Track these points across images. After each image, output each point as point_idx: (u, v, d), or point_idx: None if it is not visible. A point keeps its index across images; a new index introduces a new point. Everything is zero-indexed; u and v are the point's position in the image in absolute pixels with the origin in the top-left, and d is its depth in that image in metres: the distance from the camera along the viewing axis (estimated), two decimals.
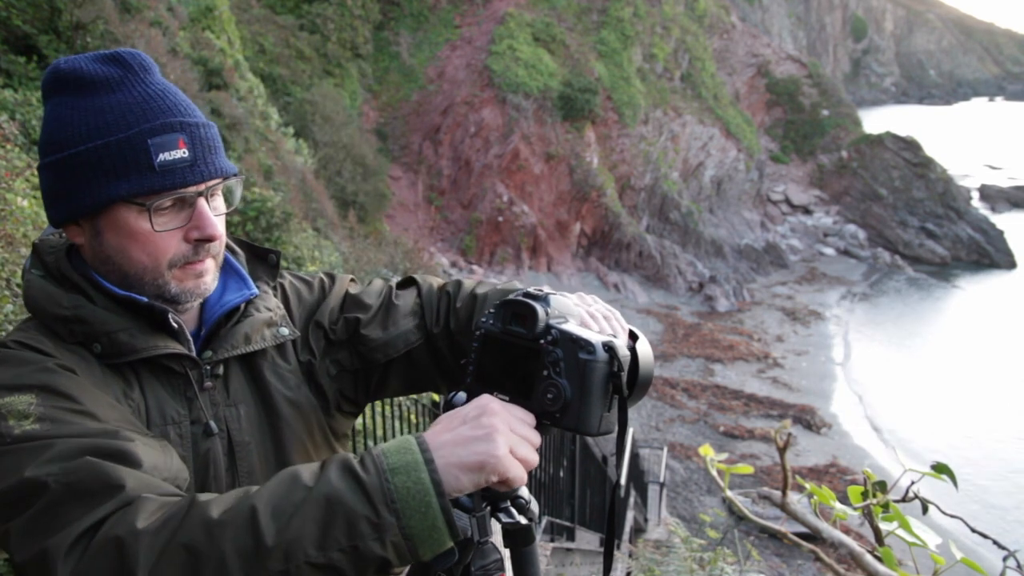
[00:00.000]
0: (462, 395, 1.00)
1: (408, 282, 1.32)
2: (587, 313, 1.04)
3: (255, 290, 1.16)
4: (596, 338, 0.91)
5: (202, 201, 1.02)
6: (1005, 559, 1.07)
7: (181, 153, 0.97)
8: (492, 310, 1.01)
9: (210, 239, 1.03)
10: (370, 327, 1.21)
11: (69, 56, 1.01)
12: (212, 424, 1.05)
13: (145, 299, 1.02)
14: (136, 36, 10.68)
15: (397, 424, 4.21)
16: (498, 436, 0.84)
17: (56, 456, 0.82)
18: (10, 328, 2.95)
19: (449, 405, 1.00)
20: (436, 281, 1.31)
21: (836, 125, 40.51)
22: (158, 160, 0.95)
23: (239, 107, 14.51)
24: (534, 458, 0.89)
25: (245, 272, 1.17)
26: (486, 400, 0.88)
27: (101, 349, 0.99)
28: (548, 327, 0.93)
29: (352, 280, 1.32)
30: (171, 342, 1.03)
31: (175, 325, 1.04)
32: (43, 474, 0.80)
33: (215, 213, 1.04)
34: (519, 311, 0.96)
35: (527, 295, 0.99)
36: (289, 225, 9.89)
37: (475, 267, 28.33)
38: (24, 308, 1.08)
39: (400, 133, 31.18)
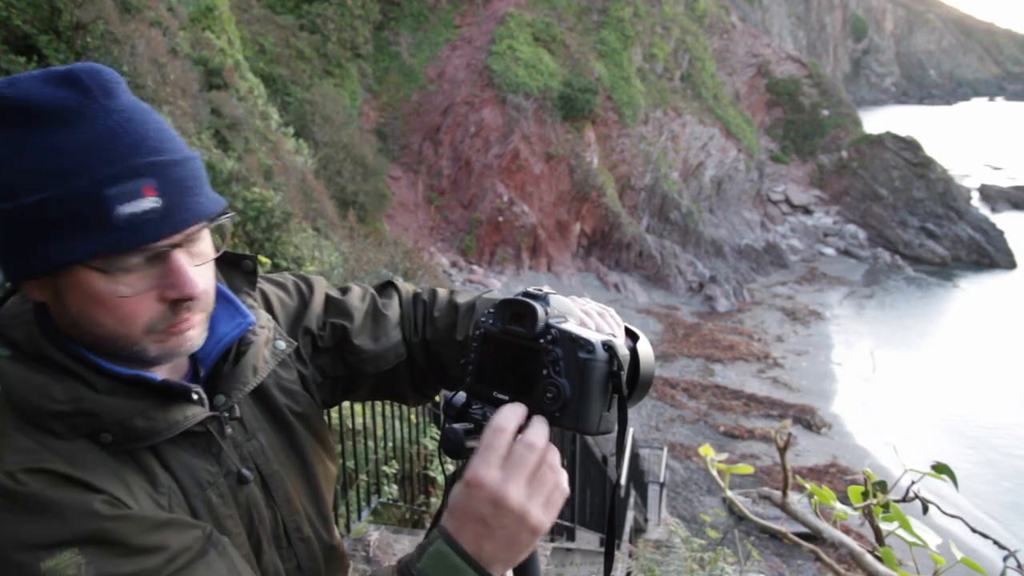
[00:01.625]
0: (461, 395, 1.00)
1: (387, 287, 1.26)
2: (583, 311, 1.02)
3: (251, 317, 1.02)
4: (595, 337, 0.91)
5: (176, 255, 0.85)
6: (1005, 559, 1.07)
7: (149, 203, 0.80)
8: (492, 310, 1.00)
9: (189, 299, 0.87)
10: (361, 337, 1.15)
11: (17, 76, 0.83)
12: (245, 472, 0.97)
13: (159, 378, 0.89)
14: (136, 36, 10.68)
15: (397, 424, 4.22)
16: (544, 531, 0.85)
17: None
18: None
19: (449, 406, 1.00)
20: (411, 288, 1.27)
21: (836, 125, 40.53)
22: (119, 213, 0.79)
23: (239, 107, 14.52)
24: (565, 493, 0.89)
25: (232, 295, 1.03)
26: (536, 517, 0.83)
27: (112, 439, 0.85)
28: (548, 326, 0.93)
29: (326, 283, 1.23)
30: (190, 409, 0.91)
31: (196, 397, 0.92)
32: None
33: (199, 261, 0.88)
34: (519, 310, 0.96)
35: (527, 294, 0.98)
36: (289, 225, 9.90)
37: (475, 267, 28.33)
38: None
39: (400, 133, 31.19)
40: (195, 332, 0.91)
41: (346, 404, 3.72)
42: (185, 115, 11.57)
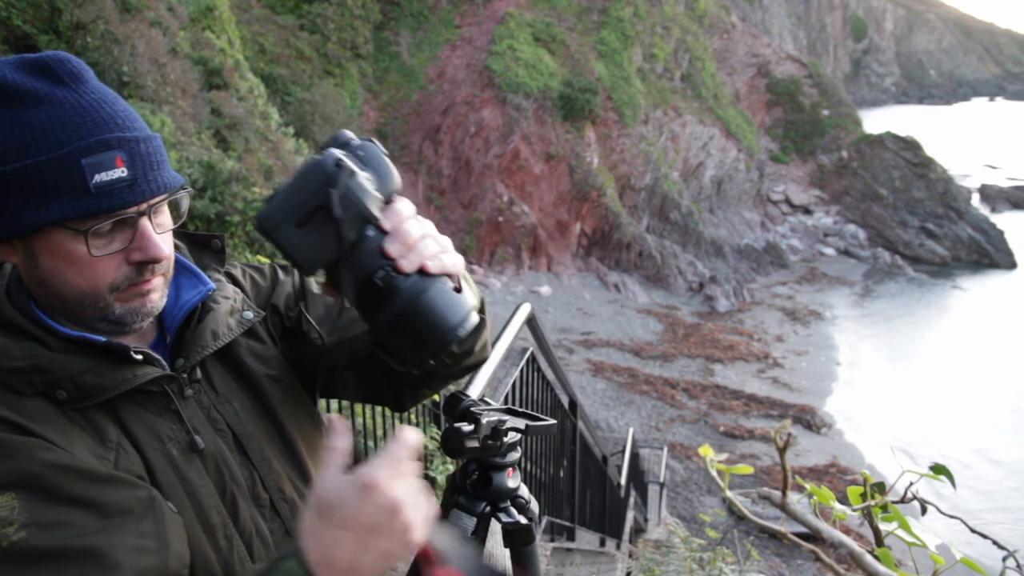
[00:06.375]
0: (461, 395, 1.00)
1: None
2: (402, 222, 0.88)
3: (211, 284, 1.08)
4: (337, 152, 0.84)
5: (144, 221, 0.93)
6: (1005, 559, 1.07)
7: (119, 172, 0.89)
8: None
9: (154, 260, 0.95)
10: (322, 327, 1.17)
11: None
12: (197, 439, 0.99)
13: (103, 339, 0.94)
14: (136, 36, 10.68)
15: (397, 423, 4.21)
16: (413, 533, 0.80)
17: None
18: None
19: (449, 406, 1.00)
20: None
21: (836, 125, 40.51)
22: (93, 181, 0.87)
23: (239, 107, 14.51)
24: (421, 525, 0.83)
25: (195, 266, 1.10)
26: (388, 498, 0.79)
27: (66, 395, 0.90)
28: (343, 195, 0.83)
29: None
30: (141, 368, 0.96)
31: (139, 357, 0.96)
32: None
33: (160, 230, 0.96)
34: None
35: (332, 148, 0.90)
36: None
37: (475, 267, 28.33)
38: None
39: (400, 133, 31.18)
40: (156, 295, 0.99)
41: (346, 403, 3.71)
42: (185, 115, 11.56)
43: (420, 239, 0.86)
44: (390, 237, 0.85)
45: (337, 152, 0.83)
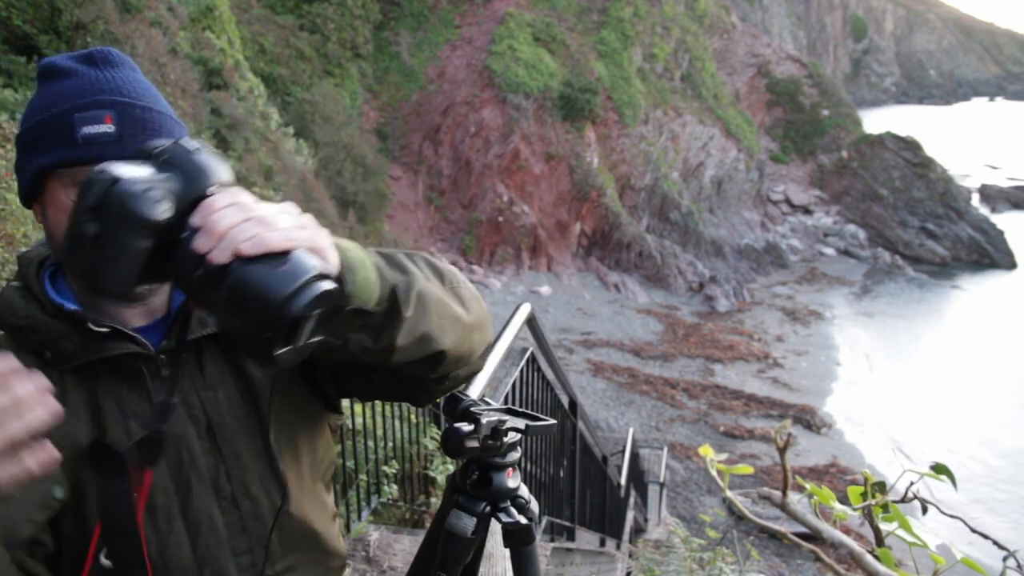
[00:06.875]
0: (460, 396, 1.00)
1: None
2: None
3: None
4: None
5: None
6: (1005, 559, 1.07)
7: (106, 128, 0.98)
8: None
9: None
10: None
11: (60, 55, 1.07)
12: (158, 428, 0.99)
13: (72, 306, 1.01)
14: (136, 36, 10.68)
15: (397, 424, 4.21)
16: None
17: None
18: None
19: (449, 406, 1.00)
20: None
21: (836, 125, 40.51)
22: (81, 132, 0.97)
23: (239, 107, 14.51)
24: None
25: None
26: None
27: (51, 356, 1.00)
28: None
29: None
30: (113, 343, 1.00)
31: (101, 330, 0.99)
32: None
33: None
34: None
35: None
36: None
37: (475, 267, 28.34)
38: None
39: (400, 133, 31.19)
40: None
41: (346, 404, 3.71)
42: (185, 115, 11.56)
43: (232, 226, 0.79)
44: (199, 233, 0.80)
45: (109, 164, 0.79)
